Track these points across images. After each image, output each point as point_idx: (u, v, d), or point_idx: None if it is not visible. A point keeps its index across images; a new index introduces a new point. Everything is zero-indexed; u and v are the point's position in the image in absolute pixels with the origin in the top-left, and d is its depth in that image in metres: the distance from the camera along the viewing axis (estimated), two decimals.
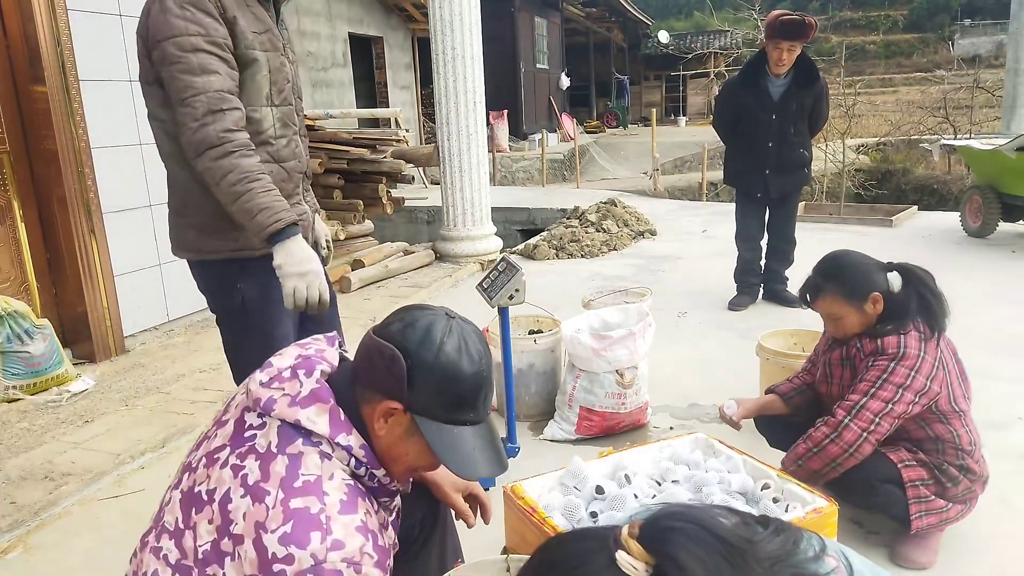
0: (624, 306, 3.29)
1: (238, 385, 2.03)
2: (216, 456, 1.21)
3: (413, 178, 9.49)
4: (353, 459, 1.20)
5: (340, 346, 1.39)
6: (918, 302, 2.06)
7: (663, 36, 24.99)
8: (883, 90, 23.72)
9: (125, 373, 3.86)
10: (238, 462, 1.17)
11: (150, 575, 1.19)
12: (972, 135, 11.04)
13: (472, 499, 1.60)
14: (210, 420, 1.36)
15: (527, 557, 1.77)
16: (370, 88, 11.96)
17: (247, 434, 1.21)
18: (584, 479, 2.02)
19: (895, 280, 2.09)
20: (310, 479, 1.13)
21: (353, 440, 1.19)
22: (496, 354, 2.98)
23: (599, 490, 1.97)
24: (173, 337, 4.43)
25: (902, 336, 2.02)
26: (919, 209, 8.28)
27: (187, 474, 1.26)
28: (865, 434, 2.00)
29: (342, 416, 1.19)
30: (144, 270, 4.35)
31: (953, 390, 2.06)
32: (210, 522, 1.15)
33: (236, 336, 2.04)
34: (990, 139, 7.22)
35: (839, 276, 2.15)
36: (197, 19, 1.73)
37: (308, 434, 1.18)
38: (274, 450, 1.16)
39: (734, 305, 4.71)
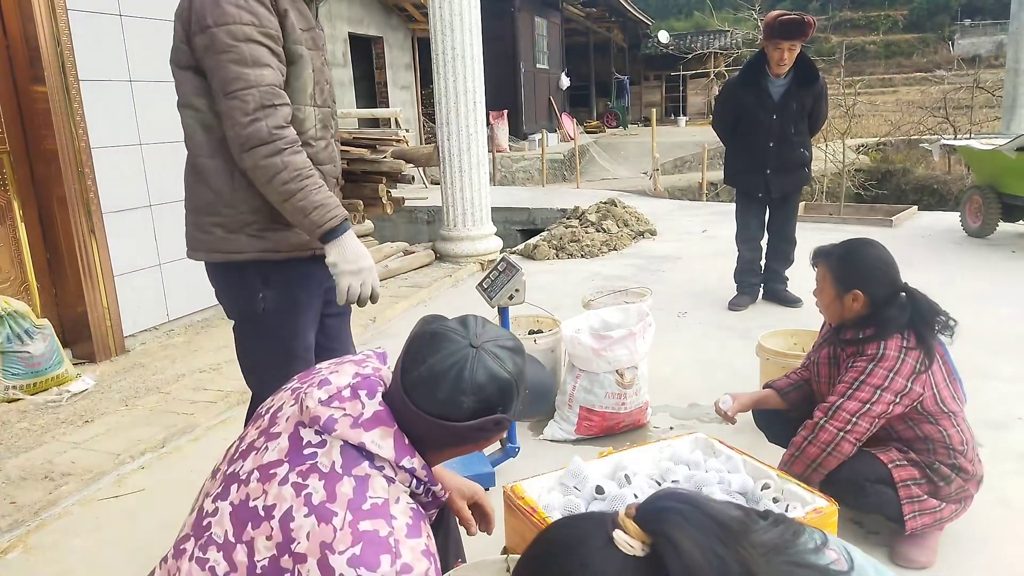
0: (624, 306, 3.29)
1: (254, 392, 2.01)
2: (272, 472, 1.20)
3: (413, 178, 9.48)
4: (415, 480, 1.22)
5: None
6: (907, 324, 2.06)
7: (663, 36, 24.98)
8: (883, 90, 23.72)
9: (125, 373, 3.86)
10: (300, 480, 1.17)
11: None
12: (972, 135, 11.03)
13: (476, 508, 1.60)
14: (252, 429, 1.34)
15: None
16: (370, 88, 11.96)
17: (306, 452, 1.20)
18: (584, 479, 2.02)
19: (900, 299, 2.09)
20: (378, 502, 1.14)
21: (416, 463, 1.21)
22: None
23: (599, 490, 1.97)
24: (173, 337, 4.44)
25: (883, 341, 2.04)
26: (919, 209, 8.28)
27: (236, 486, 1.23)
28: (842, 434, 2.01)
29: (406, 440, 1.21)
30: (144, 270, 4.35)
31: (939, 391, 2.05)
32: (268, 538, 1.15)
33: (255, 344, 1.96)
34: (990, 139, 7.22)
35: (843, 257, 2.17)
36: (251, 7, 1.66)
37: (372, 457, 1.19)
38: (339, 471, 1.17)
39: (734, 305, 4.71)
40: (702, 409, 3.25)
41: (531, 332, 3.41)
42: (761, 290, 4.83)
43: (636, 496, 1.94)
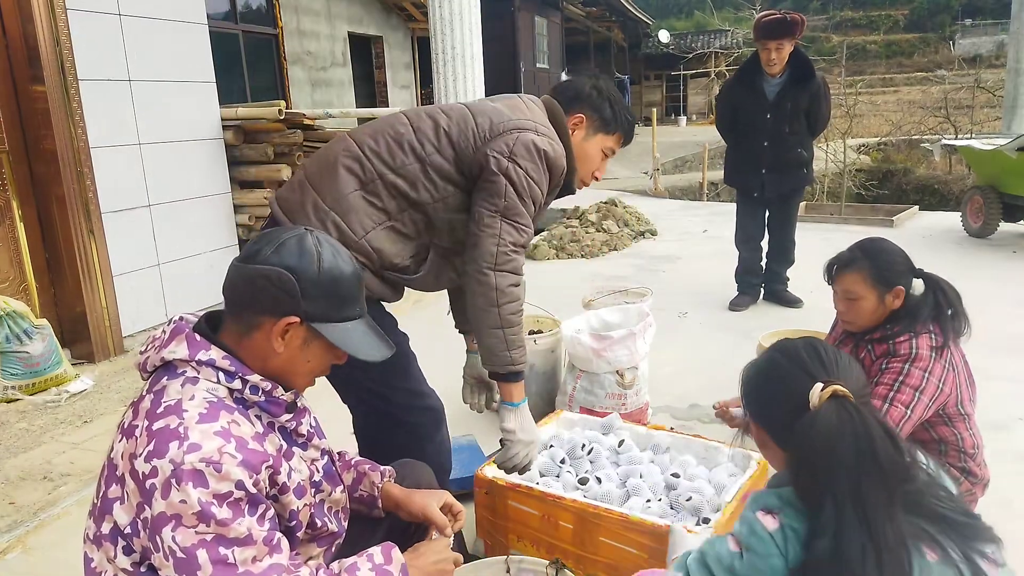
0: (624, 306, 3.28)
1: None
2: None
3: None
4: (221, 373, 1.24)
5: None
6: (933, 310, 2.03)
7: (663, 35, 24.96)
8: (884, 90, 23.72)
9: (124, 373, 3.86)
10: (121, 419, 1.27)
11: (84, 561, 1.27)
12: (973, 135, 11.02)
13: (447, 509, 1.58)
14: None
15: (527, 557, 1.78)
16: (370, 88, 11.94)
17: (130, 400, 1.32)
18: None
19: (918, 285, 2.06)
20: (171, 403, 1.19)
21: (214, 353, 1.24)
22: None
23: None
24: None
25: (913, 338, 2.00)
26: (920, 209, 8.28)
27: None
28: None
29: (198, 338, 1.26)
30: (143, 270, 4.35)
31: (961, 392, 2.04)
32: (105, 478, 1.24)
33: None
34: (991, 139, 7.21)
35: (875, 257, 2.07)
36: (544, 181, 1.82)
37: (173, 370, 1.24)
38: (144, 393, 1.25)
39: (734, 305, 4.70)
40: (702, 409, 3.24)
41: (531, 332, 3.40)
42: (762, 290, 4.82)
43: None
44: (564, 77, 19.77)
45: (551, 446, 2.28)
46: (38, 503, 2.63)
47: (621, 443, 2.27)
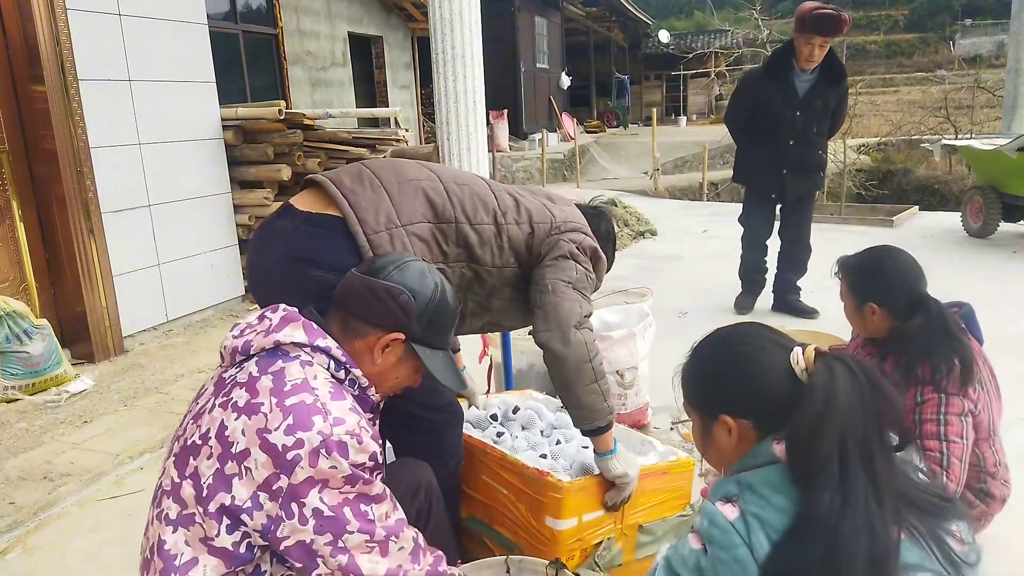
0: (624, 306, 3.28)
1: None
2: (202, 411, 1.29)
3: None
4: (332, 361, 1.31)
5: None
6: (925, 344, 1.89)
7: (663, 36, 24.96)
8: (884, 90, 23.71)
9: (124, 373, 3.86)
10: (224, 399, 1.26)
11: (156, 544, 1.22)
12: (973, 135, 11.02)
13: None
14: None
15: (527, 557, 1.78)
16: (370, 88, 11.94)
17: (227, 380, 1.30)
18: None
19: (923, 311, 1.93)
20: (296, 381, 1.24)
21: (331, 343, 1.31)
22: (496, 354, 2.98)
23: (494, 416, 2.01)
24: (172, 337, 4.43)
25: (927, 363, 1.89)
26: (920, 209, 8.29)
27: (175, 444, 1.33)
28: (959, 488, 1.85)
29: (315, 326, 1.32)
30: (143, 270, 4.35)
31: (992, 410, 1.97)
32: (209, 457, 1.22)
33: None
34: (991, 139, 7.21)
35: (860, 267, 2.04)
36: (592, 284, 1.98)
37: (285, 353, 1.28)
38: (256, 374, 1.26)
39: (739, 307, 4.63)
40: None
41: (531, 332, 3.39)
42: (772, 298, 4.67)
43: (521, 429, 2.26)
44: (564, 77, 19.79)
45: (494, 407, 2.37)
46: (38, 503, 2.63)
47: (557, 416, 2.34)
